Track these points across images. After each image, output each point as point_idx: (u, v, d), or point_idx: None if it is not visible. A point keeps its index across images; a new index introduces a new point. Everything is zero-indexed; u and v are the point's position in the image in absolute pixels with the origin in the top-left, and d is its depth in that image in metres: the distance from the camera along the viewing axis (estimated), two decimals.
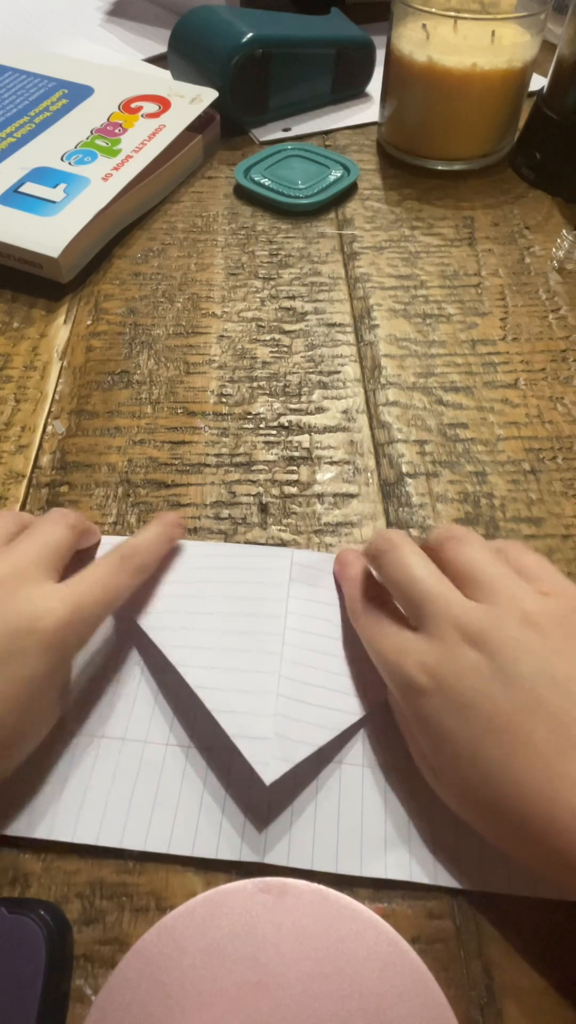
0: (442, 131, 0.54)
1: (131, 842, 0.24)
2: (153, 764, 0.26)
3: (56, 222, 0.45)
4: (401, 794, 0.25)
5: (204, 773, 0.26)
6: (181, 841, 0.24)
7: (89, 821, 0.25)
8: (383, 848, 0.24)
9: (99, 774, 0.26)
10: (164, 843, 0.24)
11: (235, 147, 0.59)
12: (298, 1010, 0.21)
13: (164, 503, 0.35)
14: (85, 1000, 0.22)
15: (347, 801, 0.25)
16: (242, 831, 0.25)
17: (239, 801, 0.25)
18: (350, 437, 0.38)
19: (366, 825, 0.25)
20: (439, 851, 0.24)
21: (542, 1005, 0.22)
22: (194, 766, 0.26)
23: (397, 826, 0.25)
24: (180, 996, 0.21)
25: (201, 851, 0.24)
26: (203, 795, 0.25)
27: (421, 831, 0.25)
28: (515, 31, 0.49)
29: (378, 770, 0.26)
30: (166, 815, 0.25)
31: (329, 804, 0.25)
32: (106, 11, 0.77)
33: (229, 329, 0.44)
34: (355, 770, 0.26)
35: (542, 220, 0.52)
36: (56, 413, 0.39)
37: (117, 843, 0.24)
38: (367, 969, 0.21)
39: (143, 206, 0.51)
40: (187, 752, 0.26)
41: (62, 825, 0.25)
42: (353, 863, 0.24)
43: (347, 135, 0.60)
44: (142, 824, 0.25)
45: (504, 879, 0.24)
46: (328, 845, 0.24)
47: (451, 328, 0.44)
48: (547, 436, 0.38)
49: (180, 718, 0.27)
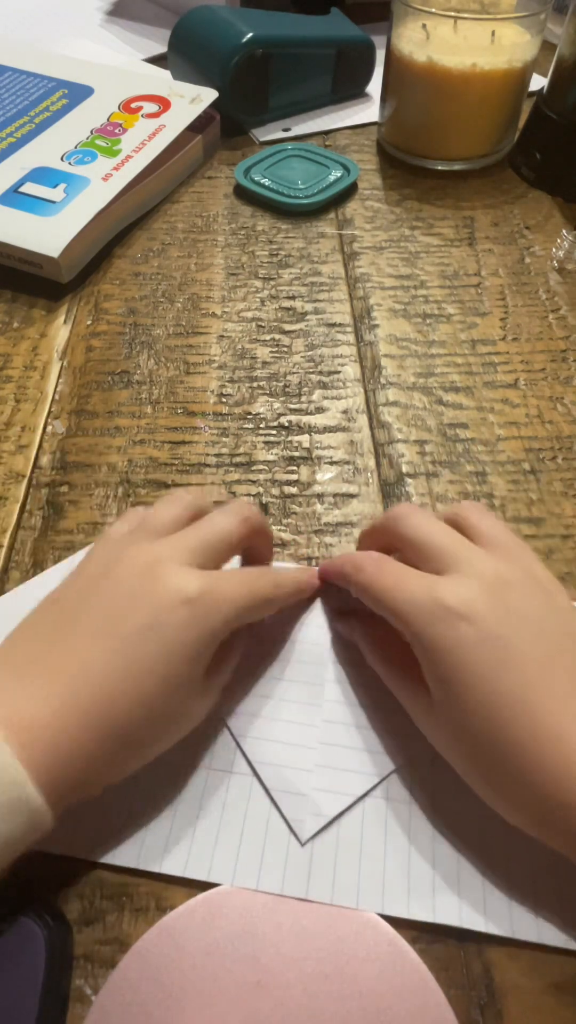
0: (442, 131, 0.54)
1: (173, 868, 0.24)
2: (196, 790, 0.25)
3: (56, 222, 0.45)
4: (450, 836, 0.24)
5: (247, 800, 0.25)
6: (221, 869, 0.24)
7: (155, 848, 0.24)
8: (431, 890, 0.23)
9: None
10: (204, 871, 0.24)
11: (235, 147, 0.59)
12: (298, 1010, 0.21)
13: None
14: (85, 1000, 0.22)
15: (393, 839, 0.24)
16: (284, 863, 0.24)
17: (282, 832, 0.25)
18: (350, 437, 0.38)
19: (413, 865, 0.24)
20: (489, 896, 0.23)
21: (542, 1005, 0.22)
22: (237, 793, 0.25)
23: (447, 868, 0.24)
24: (180, 996, 0.21)
25: (242, 881, 0.23)
26: (244, 823, 0.25)
27: (471, 874, 0.24)
28: (515, 31, 0.49)
29: (425, 808, 0.25)
30: (207, 843, 0.24)
31: (374, 841, 0.24)
32: (106, 11, 0.77)
33: (229, 329, 0.44)
34: (402, 807, 0.25)
35: (542, 220, 0.52)
36: (56, 413, 0.39)
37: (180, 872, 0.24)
38: (367, 969, 0.21)
39: (143, 206, 0.51)
40: (229, 778, 0.26)
41: (130, 853, 0.24)
42: (400, 904, 0.23)
43: (347, 135, 0.60)
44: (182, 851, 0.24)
45: (554, 931, 0.23)
46: (375, 884, 0.23)
47: (451, 328, 0.44)
48: (547, 436, 0.38)
49: (220, 742, 0.27)
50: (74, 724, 0.21)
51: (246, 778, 0.26)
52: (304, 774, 0.25)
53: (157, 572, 0.24)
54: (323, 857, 0.24)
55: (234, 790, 0.25)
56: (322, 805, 0.25)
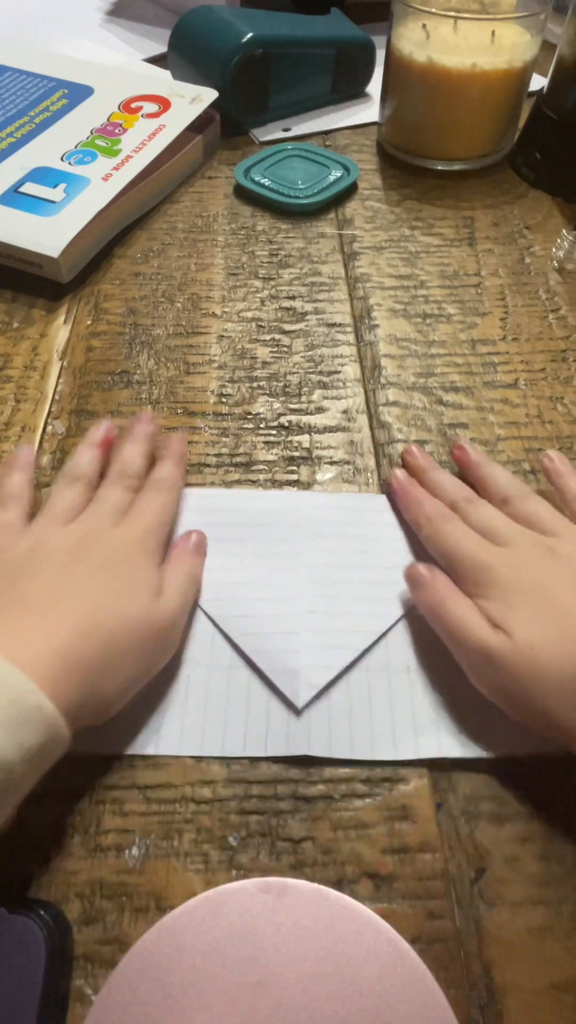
0: (442, 131, 0.54)
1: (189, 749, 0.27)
2: (199, 681, 0.29)
3: (56, 222, 0.45)
4: (422, 691, 0.29)
5: (247, 688, 0.29)
6: (232, 743, 0.27)
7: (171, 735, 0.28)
8: (413, 734, 0.27)
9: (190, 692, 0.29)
10: (218, 747, 0.27)
11: (235, 147, 0.59)
12: (298, 1010, 0.21)
13: None
14: (85, 1000, 0.22)
15: (378, 698, 0.29)
16: (286, 729, 0.28)
17: (280, 705, 0.28)
18: (350, 437, 0.38)
19: (397, 716, 0.28)
20: (464, 731, 0.27)
21: (542, 1005, 0.22)
22: (241, 678, 0.29)
23: (426, 714, 0.28)
24: (180, 996, 0.21)
25: (252, 751, 0.27)
26: (248, 704, 0.29)
27: (448, 716, 0.28)
28: (515, 31, 0.49)
29: (400, 671, 0.29)
30: (217, 722, 0.28)
31: (361, 703, 0.28)
32: (106, 11, 0.77)
33: (229, 329, 0.44)
34: (381, 673, 0.29)
35: (542, 220, 0.52)
36: (56, 413, 0.39)
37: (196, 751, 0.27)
38: (367, 969, 0.21)
39: (143, 206, 0.51)
40: (229, 672, 0.29)
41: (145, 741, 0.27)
42: (388, 748, 0.27)
43: (347, 135, 0.60)
44: (196, 731, 0.28)
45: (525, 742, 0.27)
46: (364, 737, 0.27)
47: (451, 328, 0.44)
48: (547, 436, 0.38)
49: (219, 641, 0.30)
50: (72, 640, 0.24)
51: (243, 671, 0.29)
52: (293, 655, 0.29)
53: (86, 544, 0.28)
54: (319, 720, 0.28)
55: (238, 676, 0.29)
56: (314, 677, 0.29)
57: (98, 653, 0.25)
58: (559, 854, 0.25)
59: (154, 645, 0.27)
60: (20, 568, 0.27)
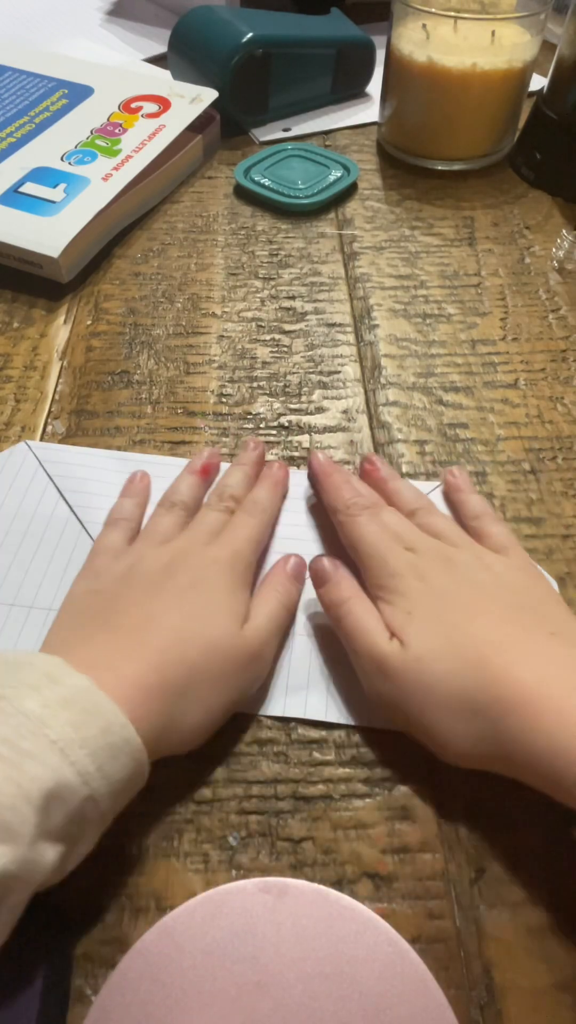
0: (442, 131, 0.54)
1: None
2: None
3: (56, 222, 0.45)
4: (319, 651, 0.30)
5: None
6: None
7: None
8: (305, 692, 0.29)
9: None
10: None
11: (235, 147, 0.59)
12: (298, 1010, 0.21)
13: None
14: (85, 1000, 0.22)
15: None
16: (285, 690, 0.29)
17: None
18: (350, 437, 0.38)
19: (292, 675, 0.29)
20: (345, 697, 0.29)
21: (542, 1005, 0.22)
22: None
23: (317, 675, 0.29)
24: (180, 996, 0.21)
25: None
26: None
27: (335, 680, 0.29)
28: (515, 31, 0.49)
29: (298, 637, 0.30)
30: None
31: (299, 668, 0.30)
32: (106, 11, 0.77)
33: (229, 329, 0.44)
34: (306, 639, 0.30)
35: (542, 220, 0.52)
36: (56, 413, 0.39)
37: None
38: (367, 969, 0.21)
39: (143, 206, 0.51)
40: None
41: None
42: (277, 706, 0.28)
43: (347, 135, 0.60)
44: None
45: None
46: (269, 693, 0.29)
47: (451, 328, 0.44)
48: (547, 436, 0.38)
49: None
50: (154, 669, 0.24)
51: None
52: None
53: (180, 559, 0.29)
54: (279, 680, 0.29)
55: None
56: None
57: (180, 682, 0.25)
58: (559, 854, 0.25)
59: (238, 672, 0.26)
60: (115, 592, 0.28)
